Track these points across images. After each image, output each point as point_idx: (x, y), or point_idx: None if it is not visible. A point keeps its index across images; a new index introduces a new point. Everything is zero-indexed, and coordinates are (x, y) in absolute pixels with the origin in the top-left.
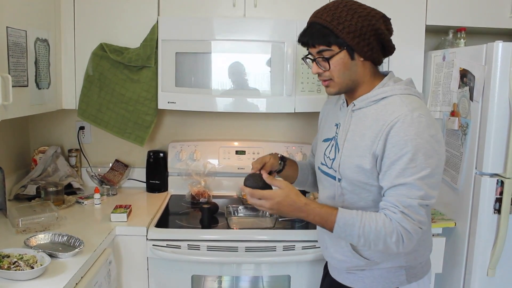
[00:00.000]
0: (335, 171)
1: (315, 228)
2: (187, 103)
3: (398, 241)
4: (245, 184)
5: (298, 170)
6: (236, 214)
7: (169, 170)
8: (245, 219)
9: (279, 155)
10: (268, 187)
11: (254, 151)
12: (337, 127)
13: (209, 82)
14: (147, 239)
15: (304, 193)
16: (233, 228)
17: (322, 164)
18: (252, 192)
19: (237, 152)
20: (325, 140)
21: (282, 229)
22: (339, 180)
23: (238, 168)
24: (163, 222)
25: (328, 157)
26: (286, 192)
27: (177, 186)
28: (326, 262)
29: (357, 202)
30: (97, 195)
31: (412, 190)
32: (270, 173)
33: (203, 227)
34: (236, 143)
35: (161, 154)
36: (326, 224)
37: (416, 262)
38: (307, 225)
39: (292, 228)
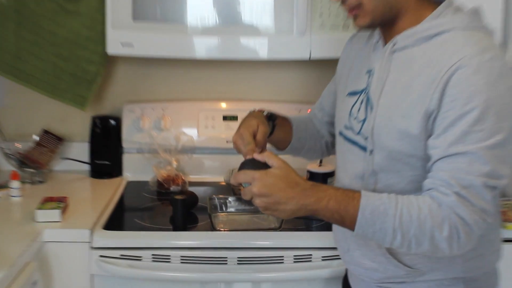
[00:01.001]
0: (366, 138)
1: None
2: (150, 45)
3: (451, 237)
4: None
5: (291, 131)
6: (224, 209)
7: (124, 145)
8: (238, 216)
9: (264, 113)
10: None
11: None
12: (369, 76)
13: (183, 15)
14: (91, 247)
15: None
16: (219, 230)
17: (346, 128)
18: (237, 174)
19: (225, 118)
20: (351, 94)
21: (293, 230)
22: (371, 152)
23: (227, 142)
24: (116, 222)
25: (356, 118)
26: (283, 170)
27: (136, 168)
28: (346, 273)
29: (395, 184)
30: (15, 183)
31: (474, 164)
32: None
33: (175, 229)
34: (223, 105)
35: (112, 122)
36: (345, 216)
37: (479, 273)
38: (328, 225)
39: (308, 228)
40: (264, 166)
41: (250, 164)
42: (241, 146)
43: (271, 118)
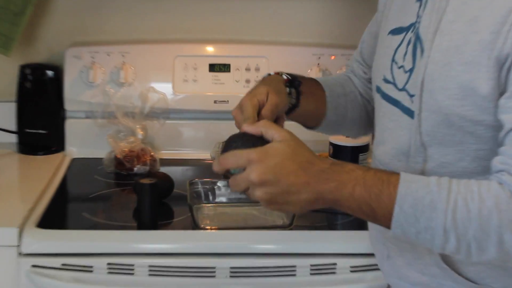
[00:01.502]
0: (412, 96)
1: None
2: None
3: None
4: (223, 152)
5: (325, 99)
6: (211, 198)
7: (66, 106)
8: (231, 209)
9: (283, 76)
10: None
11: (249, 65)
12: (420, 6)
13: None
14: (20, 253)
15: None
16: (204, 229)
17: (386, 81)
18: (223, 157)
19: (212, 68)
20: (395, 32)
21: (309, 228)
22: (419, 116)
23: (215, 102)
24: (55, 217)
25: (402, 66)
26: (290, 144)
27: (84, 140)
28: None
29: (453, 163)
30: None
31: None
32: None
33: (141, 227)
34: (209, 48)
35: (50, 74)
36: (377, 208)
37: None
38: (360, 222)
39: (330, 226)
40: (260, 141)
41: (240, 141)
42: (235, 116)
43: (294, 83)
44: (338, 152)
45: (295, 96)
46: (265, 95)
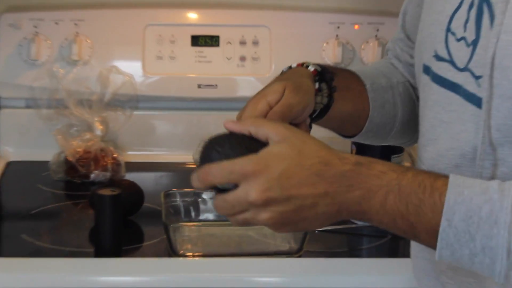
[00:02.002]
0: (477, 77)
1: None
2: None
3: None
4: (203, 161)
5: (366, 95)
6: (193, 214)
7: (0, 92)
8: (220, 229)
9: (310, 68)
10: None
11: (244, 37)
12: None
13: None
14: None
15: None
16: (185, 256)
17: (438, 58)
18: (205, 170)
19: (196, 41)
20: None
21: (325, 255)
22: (488, 102)
23: (199, 86)
24: None
25: (462, 38)
26: (294, 142)
27: (24, 138)
28: None
29: None
30: None
31: None
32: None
33: (101, 254)
34: (191, 14)
35: None
36: (418, 224)
37: None
38: (395, 246)
39: (352, 253)
40: (253, 144)
41: (227, 144)
42: (241, 116)
43: (324, 76)
44: (363, 153)
45: (327, 93)
46: (280, 93)
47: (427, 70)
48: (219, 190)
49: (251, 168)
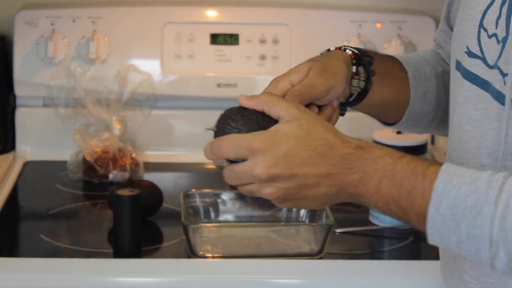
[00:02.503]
0: (505, 75)
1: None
2: None
3: None
4: (217, 134)
5: (407, 82)
6: (213, 215)
7: (17, 91)
8: (241, 230)
9: (347, 51)
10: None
11: (264, 35)
12: None
13: None
14: None
15: None
16: (204, 257)
17: (470, 54)
18: (217, 143)
19: (215, 40)
20: None
21: (344, 257)
22: (502, 101)
23: (218, 86)
24: (2, 241)
25: (494, 35)
26: (302, 123)
27: (41, 137)
28: None
29: None
30: None
31: None
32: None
33: (119, 254)
34: (211, 12)
35: None
36: (409, 209)
37: None
38: (420, 248)
39: (373, 254)
40: (265, 120)
41: (240, 119)
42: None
43: (362, 60)
44: None
45: (364, 77)
46: (303, 73)
47: (458, 66)
48: (230, 161)
49: (258, 144)
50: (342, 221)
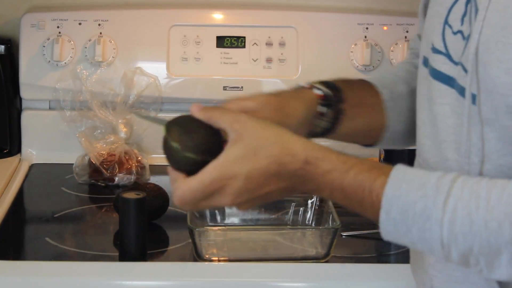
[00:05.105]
0: (467, 72)
1: None
2: None
3: None
4: (166, 151)
5: (382, 107)
6: (219, 218)
7: (23, 94)
8: (247, 233)
9: (316, 90)
10: (218, 146)
11: (271, 38)
12: None
13: None
14: None
15: None
16: (210, 261)
17: (435, 51)
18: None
19: (221, 42)
20: None
21: (350, 261)
22: (474, 99)
23: (224, 88)
24: (8, 244)
25: (459, 32)
26: (245, 144)
27: (47, 140)
28: None
29: None
30: None
31: None
32: None
33: (125, 258)
34: (217, 15)
35: (0, 48)
36: (364, 213)
37: None
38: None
39: (380, 258)
40: (212, 136)
41: (185, 135)
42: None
43: (331, 101)
44: (391, 156)
45: (331, 117)
46: (259, 103)
47: (425, 62)
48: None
49: (217, 185)
50: (349, 225)
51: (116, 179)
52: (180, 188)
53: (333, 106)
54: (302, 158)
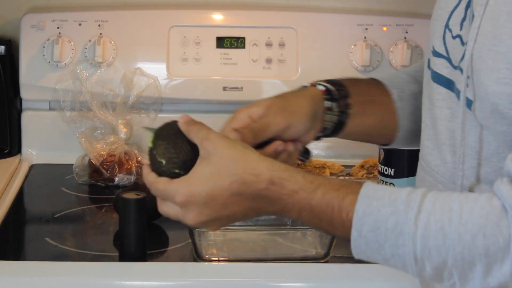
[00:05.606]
0: (467, 77)
1: None
2: None
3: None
4: (151, 157)
5: (392, 105)
6: None
7: (23, 95)
8: (246, 234)
9: (319, 87)
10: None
11: (271, 38)
12: None
13: None
14: None
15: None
16: (210, 261)
17: (436, 54)
18: (150, 180)
19: (221, 43)
20: None
21: (350, 261)
22: (470, 104)
23: (224, 89)
24: (8, 244)
25: (458, 36)
26: (209, 162)
27: (47, 141)
28: None
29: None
30: None
31: None
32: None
33: (125, 258)
34: (217, 15)
35: (0, 49)
36: (335, 233)
37: None
38: None
39: None
40: (192, 150)
41: (171, 149)
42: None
43: (334, 95)
44: (391, 157)
45: (338, 112)
46: (263, 108)
47: (428, 64)
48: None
49: (179, 199)
50: None
51: (116, 179)
52: (153, 184)
53: (339, 100)
54: (267, 178)
